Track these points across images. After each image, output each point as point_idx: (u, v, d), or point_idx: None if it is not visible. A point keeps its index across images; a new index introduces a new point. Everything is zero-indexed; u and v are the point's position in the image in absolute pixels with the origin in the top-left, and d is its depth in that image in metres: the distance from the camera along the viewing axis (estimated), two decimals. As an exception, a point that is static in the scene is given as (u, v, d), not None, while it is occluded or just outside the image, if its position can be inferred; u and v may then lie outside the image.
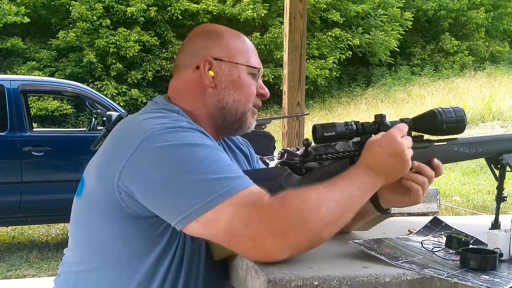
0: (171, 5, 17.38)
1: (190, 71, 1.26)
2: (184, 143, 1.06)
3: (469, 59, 20.06)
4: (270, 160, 2.38)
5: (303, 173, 1.17)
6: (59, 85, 5.93)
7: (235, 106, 1.26)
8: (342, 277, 0.92)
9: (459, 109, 1.16)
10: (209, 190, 1.00)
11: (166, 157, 1.05)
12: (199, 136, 1.10)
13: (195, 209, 1.00)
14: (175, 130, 1.09)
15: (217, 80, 1.25)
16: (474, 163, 9.06)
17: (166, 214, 1.06)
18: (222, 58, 1.25)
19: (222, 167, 1.04)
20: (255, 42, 17.31)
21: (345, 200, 1.04)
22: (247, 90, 1.26)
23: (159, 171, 1.04)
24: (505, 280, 0.93)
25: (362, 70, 20.20)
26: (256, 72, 1.28)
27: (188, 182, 1.02)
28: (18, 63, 16.02)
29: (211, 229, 1.01)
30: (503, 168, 1.23)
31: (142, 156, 1.06)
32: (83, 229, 1.20)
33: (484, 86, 16.09)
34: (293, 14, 3.78)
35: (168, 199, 1.04)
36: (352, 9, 19.02)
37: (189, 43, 1.29)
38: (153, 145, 1.06)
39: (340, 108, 16.98)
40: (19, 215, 5.05)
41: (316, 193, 1.02)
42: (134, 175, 1.07)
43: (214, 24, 1.39)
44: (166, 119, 1.13)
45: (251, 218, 0.98)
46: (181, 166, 1.03)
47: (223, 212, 0.99)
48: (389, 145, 1.09)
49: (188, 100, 1.26)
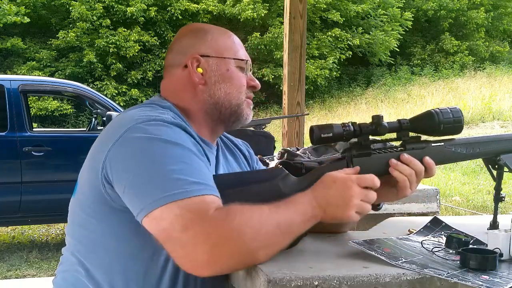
0: (171, 5, 17.38)
1: (179, 70, 1.28)
2: (160, 138, 1.07)
3: (469, 59, 20.06)
4: (270, 160, 2.38)
5: (303, 173, 1.17)
6: (59, 85, 5.93)
7: (228, 99, 1.27)
8: (342, 277, 0.92)
9: (457, 109, 1.16)
10: (164, 187, 1.02)
11: (139, 148, 1.07)
12: (178, 133, 1.11)
13: (148, 204, 1.02)
14: (156, 123, 1.10)
15: (206, 76, 1.26)
16: (474, 163, 9.05)
17: (129, 205, 1.07)
18: (209, 54, 1.26)
19: (187, 169, 1.05)
20: (255, 42, 17.33)
21: (286, 225, 1.04)
22: (237, 82, 1.27)
23: (131, 160, 1.07)
24: (505, 280, 0.93)
25: (362, 70, 20.20)
26: (244, 65, 1.29)
27: (151, 177, 1.04)
28: (18, 63, 16.02)
29: (154, 226, 1.02)
30: (501, 168, 1.23)
31: (122, 145, 1.09)
32: (78, 228, 1.21)
33: (484, 86, 16.09)
34: (293, 14, 3.78)
35: (131, 191, 1.06)
36: (352, 9, 19.01)
37: (176, 43, 1.31)
38: (132, 135, 1.09)
39: (340, 108, 16.98)
40: (19, 215, 5.05)
41: (260, 214, 1.02)
42: (112, 164, 1.09)
43: (199, 23, 1.41)
44: (152, 112, 1.16)
45: (191, 225, 0.99)
46: (149, 159, 1.05)
47: (169, 212, 1.00)
48: (342, 186, 1.07)
49: (181, 98, 1.27)
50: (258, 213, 1.02)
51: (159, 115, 1.14)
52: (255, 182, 1.13)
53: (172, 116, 1.16)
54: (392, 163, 1.16)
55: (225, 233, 0.98)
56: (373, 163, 1.17)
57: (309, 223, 1.06)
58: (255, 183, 1.13)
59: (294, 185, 1.14)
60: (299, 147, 2.75)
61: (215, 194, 1.05)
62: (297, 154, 2.02)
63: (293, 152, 2.04)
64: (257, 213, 1.02)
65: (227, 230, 0.98)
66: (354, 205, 1.06)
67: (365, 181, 1.09)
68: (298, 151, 2.10)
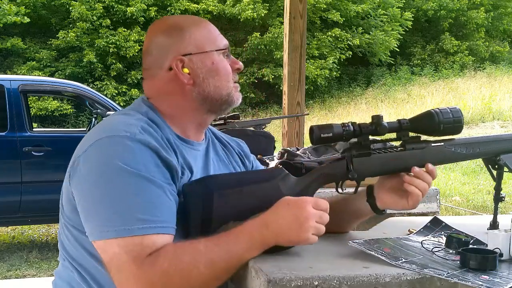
0: (171, 5, 17.38)
1: (162, 72, 1.25)
2: (116, 164, 1.07)
3: (469, 59, 20.05)
4: (270, 160, 2.37)
5: (303, 173, 1.17)
6: (59, 85, 5.93)
7: (218, 92, 1.26)
8: (342, 277, 0.92)
9: (456, 109, 1.16)
10: (109, 221, 1.04)
11: (95, 172, 1.09)
12: (138, 154, 1.09)
13: (94, 232, 1.07)
14: (119, 142, 1.09)
15: (194, 75, 1.24)
16: (474, 163, 9.05)
17: (81, 220, 1.11)
18: (191, 52, 1.25)
19: (136, 202, 1.06)
20: (255, 42, 17.33)
21: (224, 261, 1.04)
22: (223, 72, 1.27)
23: (86, 183, 1.10)
24: (505, 280, 0.93)
25: (362, 70, 20.19)
26: (226, 51, 1.28)
27: (99, 206, 1.07)
28: (18, 63, 16.01)
29: (100, 253, 1.07)
30: (501, 168, 1.23)
31: (84, 161, 1.12)
32: (61, 229, 1.23)
33: (484, 86, 16.09)
34: (293, 14, 3.78)
35: (82, 210, 1.10)
36: (352, 9, 19.01)
37: (152, 45, 1.27)
38: (94, 153, 1.10)
39: (340, 108, 16.98)
40: (19, 215, 5.05)
41: (192, 254, 1.03)
42: (74, 176, 1.13)
43: (169, 17, 1.40)
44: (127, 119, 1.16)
45: (124, 268, 1.03)
46: (101, 187, 1.07)
47: (110, 248, 1.04)
48: (296, 208, 1.05)
49: (168, 101, 1.26)
50: (189, 255, 1.03)
51: (128, 128, 1.12)
52: (255, 182, 1.13)
53: (142, 127, 1.14)
54: (406, 179, 1.16)
55: (154, 279, 1.01)
56: (373, 163, 1.17)
57: (257, 250, 1.05)
58: (255, 183, 1.13)
59: (294, 185, 1.14)
60: (299, 147, 2.74)
61: (157, 232, 1.05)
62: (297, 154, 2.02)
63: (293, 152, 2.03)
64: (188, 254, 1.03)
65: (157, 275, 1.01)
66: (309, 227, 1.04)
67: (319, 204, 1.08)
68: (298, 151, 2.10)
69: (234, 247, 1.04)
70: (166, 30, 1.28)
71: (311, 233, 1.04)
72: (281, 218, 1.04)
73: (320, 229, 1.05)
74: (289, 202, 1.07)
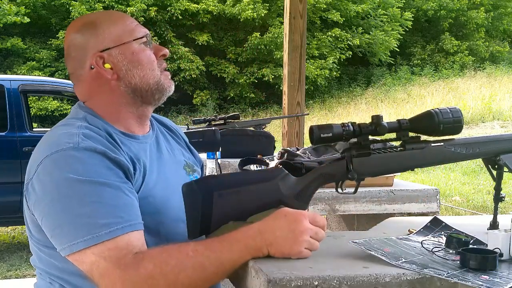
0: (171, 5, 17.38)
1: (85, 73, 1.24)
2: (67, 177, 1.07)
3: (469, 59, 20.06)
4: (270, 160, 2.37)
5: (303, 173, 1.17)
6: (59, 85, 5.92)
7: (145, 81, 1.24)
8: (342, 277, 0.92)
9: (456, 109, 1.16)
10: (75, 233, 1.04)
11: (49, 191, 1.09)
12: (87, 162, 1.09)
13: (65, 247, 1.06)
14: (65, 155, 1.09)
15: (116, 69, 1.23)
16: (474, 163, 9.05)
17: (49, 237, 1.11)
18: (108, 46, 1.23)
19: (96, 209, 1.05)
20: (255, 42, 17.33)
21: (214, 266, 1.03)
22: (146, 61, 1.25)
23: (42, 202, 1.09)
24: (505, 280, 0.93)
25: (362, 70, 20.20)
26: (145, 39, 1.26)
27: (61, 222, 1.06)
28: (18, 63, 16.02)
29: (78, 265, 1.06)
30: (501, 168, 1.23)
31: (36, 182, 1.11)
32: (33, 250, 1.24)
33: (484, 86, 16.09)
34: (293, 14, 3.79)
35: (46, 229, 1.10)
36: (352, 9, 19.02)
37: (70, 47, 1.26)
38: (43, 174, 1.10)
39: (340, 108, 16.98)
40: (19, 215, 5.03)
41: (178, 258, 1.02)
42: (30, 196, 1.13)
43: (82, 16, 1.36)
44: (70, 130, 1.15)
45: (107, 274, 1.02)
46: (58, 204, 1.07)
47: (86, 257, 1.04)
48: (293, 220, 1.04)
49: (99, 100, 1.25)
50: (175, 258, 1.02)
51: (70, 138, 1.11)
52: (255, 182, 1.13)
53: (83, 134, 1.13)
54: None
55: (139, 282, 1.00)
56: (373, 163, 1.17)
57: (250, 257, 1.04)
58: (254, 183, 1.12)
59: (294, 185, 1.14)
60: (299, 147, 2.75)
61: (126, 231, 1.05)
62: (297, 154, 2.02)
63: (293, 152, 2.03)
64: (175, 258, 1.02)
65: (141, 278, 1.00)
66: (303, 241, 1.03)
67: (317, 220, 1.07)
68: (298, 151, 2.10)
69: (226, 254, 1.03)
70: (80, 29, 1.26)
71: (304, 247, 1.03)
72: (278, 229, 1.03)
73: (314, 245, 1.04)
74: (286, 214, 1.05)
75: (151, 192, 1.20)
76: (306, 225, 1.04)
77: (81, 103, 1.27)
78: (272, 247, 1.03)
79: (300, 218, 1.04)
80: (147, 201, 1.18)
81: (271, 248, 1.03)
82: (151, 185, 1.21)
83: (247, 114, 16.78)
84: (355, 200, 2.01)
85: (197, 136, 2.18)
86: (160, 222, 1.21)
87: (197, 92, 17.47)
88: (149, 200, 1.19)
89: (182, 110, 17.01)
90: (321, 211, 2.01)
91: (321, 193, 1.98)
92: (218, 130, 2.28)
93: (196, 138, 2.13)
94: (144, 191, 1.19)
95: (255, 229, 1.04)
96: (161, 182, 1.24)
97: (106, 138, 1.16)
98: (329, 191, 1.98)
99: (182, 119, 15.96)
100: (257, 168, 1.99)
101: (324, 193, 1.98)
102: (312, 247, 1.04)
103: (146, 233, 1.13)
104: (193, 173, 1.38)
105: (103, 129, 1.18)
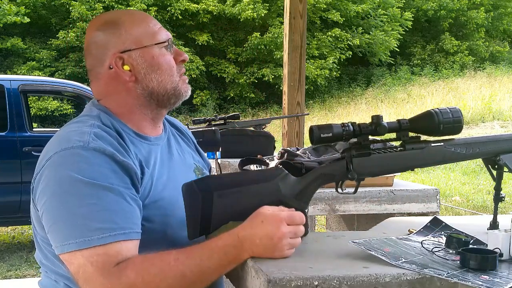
0: (171, 5, 17.38)
1: (104, 71, 1.24)
2: (72, 176, 1.07)
3: (469, 59, 20.07)
4: (270, 160, 2.37)
5: (303, 173, 1.17)
6: (59, 85, 5.92)
7: (163, 86, 1.24)
8: (342, 277, 0.92)
9: (456, 109, 1.16)
10: (70, 234, 1.05)
11: (53, 187, 1.09)
12: (93, 163, 1.09)
13: (57, 245, 1.07)
14: (73, 153, 1.09)
15: (135, 71, 1.23)
16: (474, 163, 9.05)
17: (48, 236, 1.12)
18: (129, 48, 1.22)
19: (93, 211, 1.05)
20: (255, 42, 17.33)
21: (195, 275, 1.03)
22: (166, 67, 1.24)
23: (45, 197, 1.10)
24: (505, 280, 0.93)
25: (362, 70, 20.20)
26: (167, 44, 1.25)
27: (58, 220, 1.07)
28: (18, 63, 16.02)
29: (67, 265, 1.07)
30: (501, 168, 1.23)
31: (42, 177, 1.12)
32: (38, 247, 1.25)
33: (484, 86, 16.09)
34: (293, 14, 3.78)
35: (45, 224, 1.11)
36: (352, 9, 19.02)
37: (91, 45, 1.26)
38: (50, 169, 1.11)
39: (340, 108, 16.98)
40: (19, 215, 5.04)
41: (160, 267, 1.02)
42: (36, 189, 1.14)
43: (105, 14, 1.34)
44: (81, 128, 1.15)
45: (91, 279, 1.03)
46: (58, 201, 1.08)
47: (74, 259, 1.05)
48: (270, 227, 1.03)
49: (114, 100, 1.25)
50: (157, 267, 1.02)
51: (81, 137, 1.12)
52: (255, 182, 1.13)
53: (95, 134, 1.13)
54: None
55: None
56: (373, 163, 1.17)
57: (231, 265, 1.04)
58: (254, 183, 1.12)
59: (294, 185, 1.14)
60: (299, 147, 2.75)
61: (118, 240, 1.05)
62: (297, 154, 2.02)
63: (293, 152, 2.03)
64: (157, 267, 1.02)
65: (123, 287, 1.01)
66: (283, 245, 1.03)
67: (294, 219, 1.06)
68: (298, 151, 2.10)
69: (207, 262, 1.03)
70: (102, 27, 1.25)
71: (286, 249, 1.03)
72: (256, 238, 1.02)
73: (294, 244, 1.05)
74: (263, 219, 1.04)
75: (161, 195, 1.20)
76: (283, 230, 1.03)
77: (95, 101, 1.28)
78: (254, 254, 1.03)
79: (277, 224, 1.03)
80: (156, 204, 1.19)
81: (253, 255, 1.03)
82: (160, 188, 1.21)
83: (247, 114, 16.79)
84: (355, 200, 2.01)
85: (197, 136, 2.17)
86: (168, 225, 1.21)
87: (197, 92, 17.47)
88: (158, 204, 1.19)
89: (182, 110, 17.01)
90: (321, 211, 2.01)
91: (321, 193, 1.98)
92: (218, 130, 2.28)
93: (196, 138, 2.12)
94: (153, 195, 1.19)
95: (235, 238, 1.04)
96: (170, 184, 1.24)
97: (116, 140, 1.16)
98: (329, 191, 1.98)
99: (182, 119, 15.96)
100: (257, 168, 1.99)
101: (324, 193, 1.98)
102: (294, 246, 1.05)
103: (153, 237, 1.13)
104: (202, 176, 1.38)
105: (115, 130, 1.19)
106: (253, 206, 1.08)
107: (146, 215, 1.16)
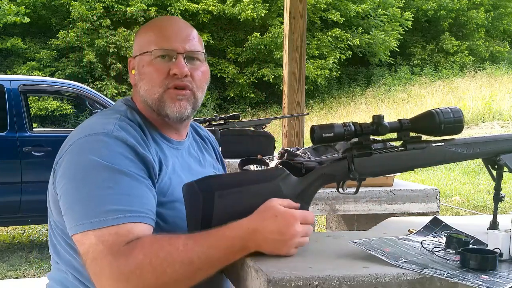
0: (171, 5, 17.38)
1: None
2: (92, 159, 1.09)
3: (469, 59, 20.07)
4: (270, 160, 2.37)
5: (303, 174, 1.17)
6: (59, 85, 5.92)
7: (148, 95, 1.26)
8: (342, 277, 0.92)
9: (457, 109, 1.16)
10: (85, 214, 1.06)
11: (73, 169, 1.11)
12: (113, 149, 1.12)
13: (72, 226, 1.08)
14: (96, 139, 1.12)
15: (136, 77, 1.29)
16: (474, 163, 9.05)
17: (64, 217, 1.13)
18: (135, 54, 1.29)
19: (108, 195, 1.07)
20: (255, 42, 17.33)
21: (201, 262, 1.02)
22: (150, 77, 1.25)
23: (65, 179, 1.12)
24: (505, 280, 0.93)
25: (362, 70, 20.20)
26: (166, 53, 1.24)
27: (75, 200, 1.09)
28: (18, 63, 16.02)
29: (78, 246, 1.08)
30: (501, 168, 1.23)
31: (64, 161, 1.14)
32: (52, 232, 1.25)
33: (484, 86, 16.09)
34: (293, 14, 3.79)
35: (62, 206, 1.12)
36: (352, 9, 19.02)
37: None
38: (72, 153, 1.13)
39: (340, 108, 16.98)
40: (19, 215, 5.05)
41: (168, 251, 1.02)
42: (57, 173, 1.16)
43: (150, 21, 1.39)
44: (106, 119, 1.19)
45: (100, 258, 1.03)
46: (77, 183, 1.09)
47: (86, 239, 1.05)
48: (284, 223, 1.03)
49: (135, 100, 1.32)
50: (165, 251, 1.02)
51: (106, 126, 1.15)
52: (256, 182, 1.13)
53: (119, 125, 1.16)
54: None
55: (127, 270, 1.00)
56: (374, 163, 1.17)
57: (237, 255, 1.04)
58: (255, 183, 1.12)
59: (295, 185, 1.14)
60: (299, 147, 2.75)
61: (133, 221, 1.06)
62: (297, 154, 2.02)
63: (293, 152, 2.03)
64: (164, 251, 1.02)
65: (130, 267, 1.00)
66: (293, 243, 1.03)
67: (307, 219, 1.06)
68: (298, 151, 2.10)
69: (214, 250, 1.03)
70: (138, 31, 1.35)
71: (293, 247, 1.04)
72: (268, 232, 1.02)
73: (304, 242, 1.05)
74: (277, 214, 1.04)
75: (178, 197, 1.20)
76: (297, 229, 1.03)
77: (129, 97, 1.33)
78: (261, 248, 1.03)
79: (291, 222, 1.03)
80: (173, 205, 1.20)
81: (259, 248, 1.03)
82: (178, 190, 1.20)
83: (247, 114, 16.78)
84: (355, 200, 2.01)
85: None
86: (179, 228, 1.20)
87: (197, 92, 17.44)
88: (175, 205, 1.21)
89: (182, 110, 16.99)
90: (321, 211, 2.01)
91: (321, 193, 1.98)
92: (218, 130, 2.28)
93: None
94: (171, 194, 1.21)
95: (245, 229, 1.04)
96: None
97: (139, 134, 1.19)
98: (329, 191, 1.98)
99: (182, 119, 15.94)
100: (257, 168, 1.99)
101: (324, 193, 1.98)
102: (302, 245, 1.05)
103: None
104: None
105: (139, 125, 1.22)
106: (254, 206, 1.08)
107: (161, 213, 1.18)
